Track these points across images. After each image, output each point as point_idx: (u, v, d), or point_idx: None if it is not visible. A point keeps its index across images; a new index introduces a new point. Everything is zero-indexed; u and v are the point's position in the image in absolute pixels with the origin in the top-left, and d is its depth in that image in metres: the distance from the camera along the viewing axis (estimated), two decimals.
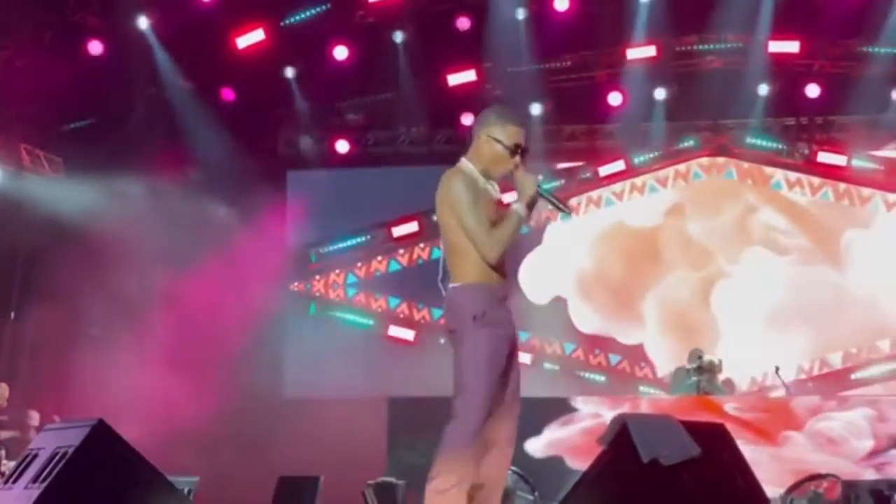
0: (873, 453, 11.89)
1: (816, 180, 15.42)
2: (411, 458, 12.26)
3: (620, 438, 5.30)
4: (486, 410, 5.45)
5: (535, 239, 15.65)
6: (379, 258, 16.08)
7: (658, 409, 11.73)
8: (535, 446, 11.95)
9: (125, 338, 13.02)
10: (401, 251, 16.07)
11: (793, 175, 15.48)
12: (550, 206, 5.77)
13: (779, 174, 15.53)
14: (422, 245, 16.01)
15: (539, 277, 15.59)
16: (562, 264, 15.61)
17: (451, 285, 5.68)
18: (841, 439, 12.00)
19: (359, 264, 16.08)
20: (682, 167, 15.82)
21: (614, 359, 15.42)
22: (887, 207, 15.23)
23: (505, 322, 5.62)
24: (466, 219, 5.58)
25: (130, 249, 12.96)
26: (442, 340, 15.82)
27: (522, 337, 15.57)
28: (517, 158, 5.74)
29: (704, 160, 15.78)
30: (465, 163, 5.82)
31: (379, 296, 16.05)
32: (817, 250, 15.39)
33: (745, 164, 15.64)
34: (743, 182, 15.67)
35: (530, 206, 5.64)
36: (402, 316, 15.99)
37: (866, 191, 15.30)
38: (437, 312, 15.91)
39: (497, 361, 5.52)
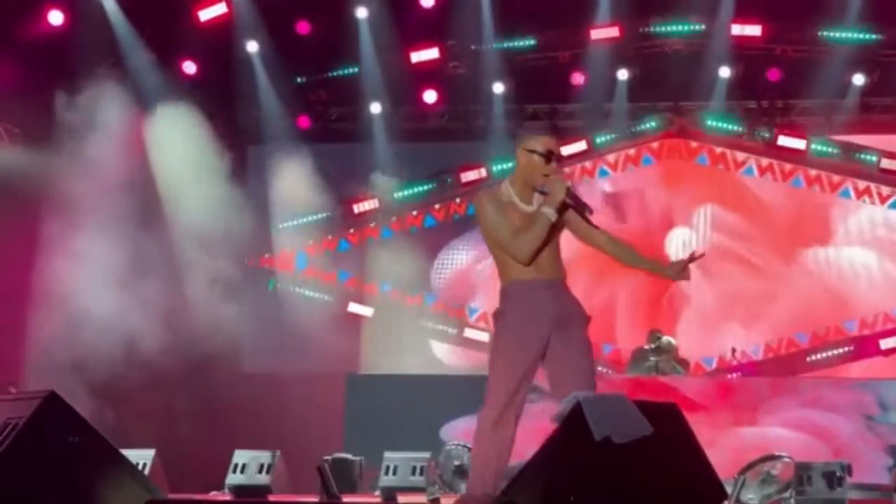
0: (828, 435, 12.02)
1: (787, 166, 15.52)
2: (367, 435, 12.32)
3: (574, 416, 5.32)
4: (505, 396, 6.00)
5: None
6: (339, 234, 16.05)
7: (615, 389, 11.79)
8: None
9: (80, 309, 12.92)
10: (361, 227, 16.05)
11: (764, 160, 15.58)
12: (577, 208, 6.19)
13: (749, 159, 15.62)
14: (383, 222, 16.01)
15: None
16: None
17: None
18: (796, 421, 12.11)
19: (318, 240, 16.03)
20: (637, 150, 15.90)
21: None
22: (857, 195, 15.35)
23: (533, 315, 6.08)
24: (492, 229, 6.15)
25: (83, 220, 12.83)
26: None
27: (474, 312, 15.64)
28: (553, 165, 6.16)
29: (665, 142, 15.84)
30: (501, 183, 6.30)
31: (339, 272, 16.02)
32: (776, 236, 15.49)
33: (717, 148, 15.74)
34: (706, 165, 15.75)
35: (559, 209, 6.09)
36: (361, 293, 15.97)
37: (836, 177, 15.41)
38: (402, 289, 15.96)
39: (510, 357, 6.06)
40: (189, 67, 14.81)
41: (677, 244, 15.67)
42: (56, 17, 13.82)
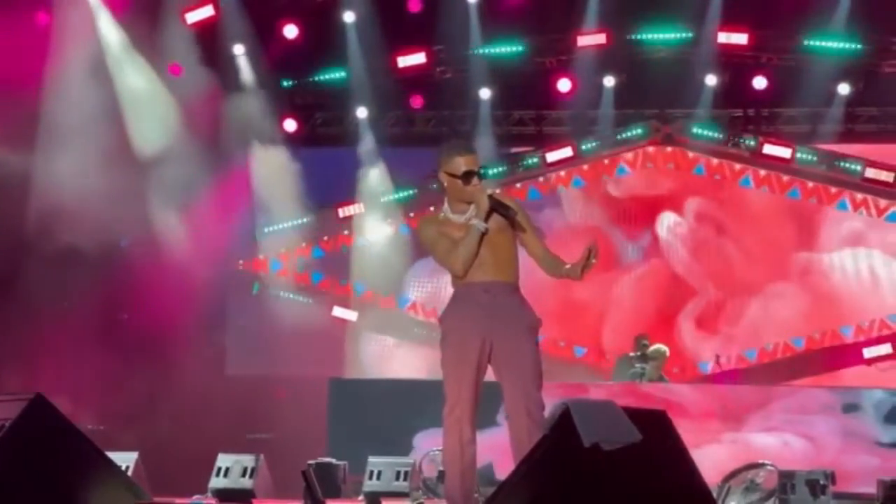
0: (812, 444, 12.06)
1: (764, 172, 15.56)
2: (352, 439, 12.29)
3: (562, 423, 5.31)
4: (452, 397, 6.36)
5: None
6: (325, 238, 16.03)
7: (605, 396, 11.80)
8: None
9: (64, 313, 12.89)
10: (346, 232, 16.03)
11: (740, 166, 15.60)
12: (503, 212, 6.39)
13: (723, 165, 15.67)
14: (368, 226, 15.98)
15: None
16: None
17: None
18: (781, 429, 12.14)
19: (303, 244, 16.00)
20: (628, 155, 15.89)
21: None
22: (855, 206, 15.40)
23: (466, 318, 6.39)
24: (430, 249, 6.55)
25: (70, 223, 12.77)
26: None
27: None
28: (474, 183, 6.36)
29: (651, 149, 15.85)
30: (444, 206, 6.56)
31: (323, 276, 16.00)
32: (765, 242, 15.50)
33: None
34: (689, 171, 15.77)
35: (487, 218, 6.32)
36: (345, 297, 15.96)
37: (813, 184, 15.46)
38: (385, 293, 15.93)
39: (448, 358, 6.43)
40: (175, 69, 14.75)
41: (666, 226, 15.67)
42: (43, 19, 13.75)
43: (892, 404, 12.24)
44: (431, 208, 15.04)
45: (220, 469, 9.80)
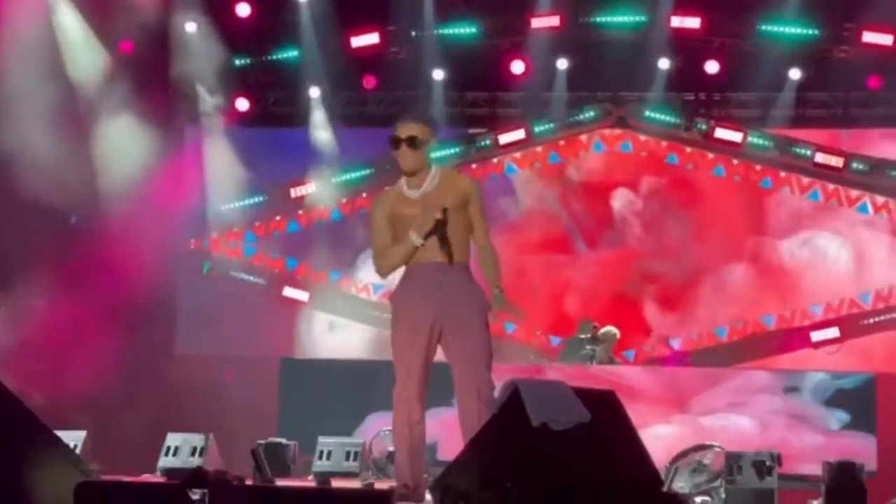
0: (758, 426, 12.17)
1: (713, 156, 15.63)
2: (301, 419, 12.29)
3: (511, 402, 5.32)
4: (402, 377, 6.44)
5: None
6: (276, 218, 16.00)
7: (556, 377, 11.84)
8: None
9: (11, 290, 12.77)
10: (299, 212, 15.98)
11: (689, 149, 15.67)
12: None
13: (677, 149, 15.72)
14: (320, 207, 15.93)
15: None
16: None
17: None
18: (728, 411, 12.24)
19: (255, 223, 15.95)
20: (581, 138, 15.92)
21: (509, 326, 15.44)
22: (799, 190, 15.49)
23: (414, 298, 6.45)
24: (371, 240, 6.65)
25: (18, 202, 12.63)
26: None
27: None
28: (402, 150, 6.53)
29: (604, 132, 15.88)
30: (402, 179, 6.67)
31: (275, 256, 15.96)
32: (710, 225, 15.57)
33: (643, 137, 15.78)
34: (639, 155, 15.81)
35: (426, 237, 6.38)
36: (297, 277, 15.92)
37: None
38: (334, 274, 15.88)
39: (398, 338, 6.49)
40: (126, 46, 14.61)
41: (621, 202, 15.71)
42: None
43: (835, 387, 12.43)
44: (364, 195, 15.16)
45: (169, 448, 9.77)
